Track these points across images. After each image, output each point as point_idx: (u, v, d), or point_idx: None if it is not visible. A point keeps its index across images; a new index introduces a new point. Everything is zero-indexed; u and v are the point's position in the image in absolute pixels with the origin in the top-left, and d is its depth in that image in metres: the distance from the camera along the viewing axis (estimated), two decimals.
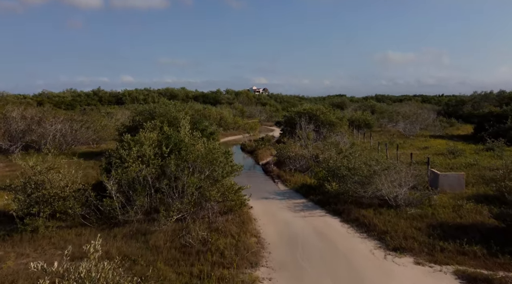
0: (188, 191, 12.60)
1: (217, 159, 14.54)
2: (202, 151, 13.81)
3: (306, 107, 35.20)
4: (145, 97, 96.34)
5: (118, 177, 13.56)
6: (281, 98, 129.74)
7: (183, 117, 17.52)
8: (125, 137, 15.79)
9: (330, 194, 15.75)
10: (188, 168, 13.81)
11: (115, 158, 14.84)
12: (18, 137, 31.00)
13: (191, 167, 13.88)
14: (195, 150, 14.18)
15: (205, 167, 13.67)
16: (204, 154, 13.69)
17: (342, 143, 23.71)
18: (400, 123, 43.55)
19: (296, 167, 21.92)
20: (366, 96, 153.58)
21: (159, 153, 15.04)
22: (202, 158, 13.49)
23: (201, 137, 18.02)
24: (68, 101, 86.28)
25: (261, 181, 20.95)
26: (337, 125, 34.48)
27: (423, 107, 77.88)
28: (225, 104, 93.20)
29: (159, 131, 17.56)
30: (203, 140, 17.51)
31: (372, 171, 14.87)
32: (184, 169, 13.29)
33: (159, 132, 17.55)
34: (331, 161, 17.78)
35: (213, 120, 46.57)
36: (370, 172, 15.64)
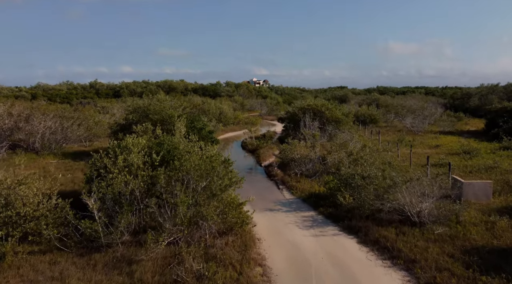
0: (180, 211, 10.80)
1: (215, 169, 12.75)
2: (197, 162, 11.95)
3: (310, 103, 33.27)
4: (143, 90, 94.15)
5: (102, 191, 11.80)
6: (282, 90, 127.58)
7: (178, 119, 15.69)
8: (111, 143, 13.97)
9: (343, 207, 13.96)
10: (181, 181, 12.01)
11: (99, 168, 13.04)
12: (4, 136, 29.15)
13: (186, 179, 12.08)
14: (191, 160, 12.34)
15: (201, 179, 11.85)
16: (200, 164, 11.83)
17: (352, 144, 21.86)
18: (407, 119, 41.59)
19: (302, 171, 20.11)
20: (368, 88, 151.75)
21: (149, 161, 13.23)
22: (197, 170, 11.65)
23: (198, 141, 16.21)
24: (64, 94, 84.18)
25: (264, 187, 19.16)
26: (343, 122, 32.61)
27: (428, 100, 75.95)
28: (225, 97, 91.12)
29: (151, 135, 15.73)
30: (200, 145, 15.72)
31: (391, 183, 13.03)
32: (177, 183, 11.48)
33: (151, 136, 15.71)
34: (343, 167, 15.93)
35: (212, 116, 44.68)
36: (389, 183, 13.87)
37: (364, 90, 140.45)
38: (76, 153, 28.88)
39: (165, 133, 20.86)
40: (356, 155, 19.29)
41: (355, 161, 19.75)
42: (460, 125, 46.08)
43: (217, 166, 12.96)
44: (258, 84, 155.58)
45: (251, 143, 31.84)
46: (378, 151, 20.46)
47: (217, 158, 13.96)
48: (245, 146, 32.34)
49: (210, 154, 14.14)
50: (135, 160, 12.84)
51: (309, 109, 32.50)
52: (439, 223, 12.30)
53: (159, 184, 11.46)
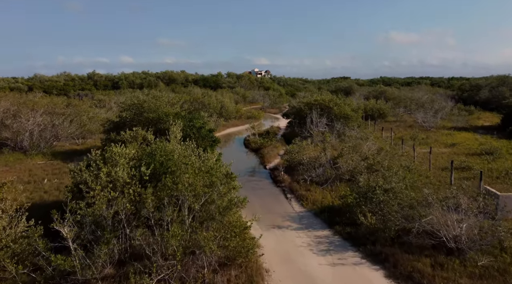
0: (172, 242, 8.88)
1: (214, 184, 10.84)
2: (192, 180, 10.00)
3: (317, 98, 31.17)
4: (142, 81, 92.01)
5: (81, 213, 9.91)
6: (284, 81, 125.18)
7: (174, 122, 13.72)
8: (92, 154, 12.01)
9: (364, 228, 12.02)
10: (174, 202, 10.09)
11: (78, 183, 11.12)
12: None
13: (179, 199, 10.16)
14: (184, 178, 10.39)
15: (198, 200, 9.93)
16: (196, 183, 9.89)
17: (366, 146, 19.86)
18: (418, 113, 39.45)
19: (311, 177, 18.15)
20: (372, 79, 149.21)
21: (137, 176, 11.28)
22: (192, 191, 9.71)
23: (197, 143, 14.27)
24: (61, 85, 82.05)
25: (270, 196, 17.23)
26: (353, 118, 30.56)
27: (435, 92, 73.61)
28: (226, 89, 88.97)
29: (142, 141, 13.76)
30: (198, 152, 13.76)
31: (423, 201, 11.08)
32: (168, 208, 9.55)
33: (142, 142, 13.74)
34: (361, 178, 13.95)
35: (213, 110, 42.64)
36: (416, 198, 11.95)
37: (368, 81, 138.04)
38: (67, 153, 26.96)
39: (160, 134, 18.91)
40: (373, 161, 17.32)
41: (371, 167, 17.81)
42: (472, 120, 43.97)
43: (216, 181, 11.04)
44: (260, 75, 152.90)
45: (254, 141, 29.86)
46: (397, 155, 18.44)
47: (218, 169, 12.04)
48: (248, 144, 30.36)
49: (210, 165, 12.20)
50: (121, 174, 10.91)
51: (316, 104, 30.43)
52: (480, 250, 10.37)
53: (146, 209, 9.52)
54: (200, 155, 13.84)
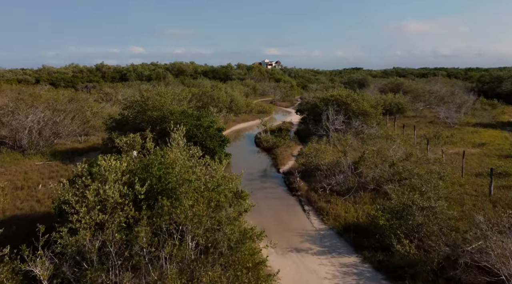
0: None
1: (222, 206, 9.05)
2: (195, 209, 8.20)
3: (334, 93, 29.07)
4: (151, 73, 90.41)
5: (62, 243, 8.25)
6: (295, 73, 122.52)
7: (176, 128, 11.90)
8: (80, 166, 10.30)
9: (399, 255, 10.12)
10: (173, 229, 8.32)
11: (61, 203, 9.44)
12: None
13: (180, 228, 8.38)
14: (188, 200, 8.60)
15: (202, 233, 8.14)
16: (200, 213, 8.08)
17: (392, 150, 17.83)
18: (441, 108, 37.04)
19: (331, 185, 16.24)
20: (385, 69, 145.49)
21: (131, 195, 9.53)
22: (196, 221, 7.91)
23: (202, 157, 12.47)
24: (69, 77, 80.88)
25: (285, 208, 15.38)
26: (372, 115, 28.43)
27: (453, 84, 70.60)
28: (236, 80, 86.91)
29: (140, 150, 11.98)
30: (204, 163, 11.96)
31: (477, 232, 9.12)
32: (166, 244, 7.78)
33: (140, 151, 11.96)
34: (394, 195, 11.99)
35: (223, 104, 40.75)
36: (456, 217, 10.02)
37: (381, 72, 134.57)
38: (68, 152, 25.41)
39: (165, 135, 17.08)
40: (402, 169, 15.34)
41: (399, 175, 15.84)
42: (497, 115, 41.36)
43: (224, 203, 9.23)
44: (270, 66, 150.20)
45: (265, 140, 27.97)
46: (426, 159, 16.41)
47: (226, 185, 10.22)
48: (259, 143, 28.47)
49: (216, 181, 10.38)
50: (110, 193, 9.16)
51: (333, 100, 28.35)
52: None
53: (137, 245, 7.75)
54: (206, 165, 12.07)
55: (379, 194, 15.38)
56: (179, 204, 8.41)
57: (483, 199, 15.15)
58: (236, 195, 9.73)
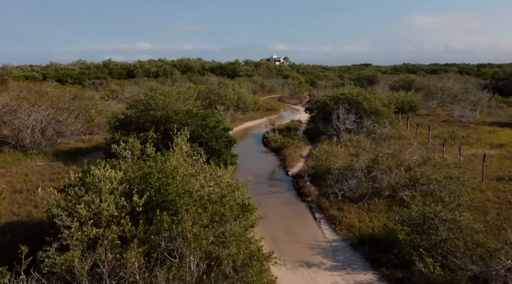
0: None
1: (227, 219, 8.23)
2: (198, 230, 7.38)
3: (344, 91, 28.05)
4: (158, 69, 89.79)
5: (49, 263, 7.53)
6: (304, 69, 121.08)
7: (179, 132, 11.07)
8: (72, 177, 9.54)
9: (421, 273, 9.21)
10: (173, 251, 7.50)
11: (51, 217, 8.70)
12: None
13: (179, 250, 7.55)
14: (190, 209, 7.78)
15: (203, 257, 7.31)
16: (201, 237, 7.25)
17: (407, 153, 16.83)
18: (456, 107, 35.77)
19: (343, 191, 15.32)
20: (394, 65, 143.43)
21: (128, 207, 8.74)
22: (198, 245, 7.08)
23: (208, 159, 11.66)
24: (76, 74, 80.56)
25: (295, 215, 14.51)
26: (384, 114, 27.37)
27: (465, 81, 68.91)
28: (243, 77, 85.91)
29: (140, 155, 11.17)
30: (207, 169, 11.14)
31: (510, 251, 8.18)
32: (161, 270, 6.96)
33: (139, 157, 11.16)
34: (413, 206, 11.03)
35: (230, 102, 39.91)
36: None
37: (390, 68, 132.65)
38: (71, 152, 24.78)
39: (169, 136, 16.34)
40: (421, 175, 14.37)
41: (417, 181, 14.87)
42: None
43: (229, 217, 8.40)
44: (278, 62, 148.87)
45: (274, 139, 27.07)
46: (447, 165, 15.40)
47: (231, 197, 9.38)
48: (267, 143, 27.57)
49: (221, 192, 9.55)
50: (105, 206, 8.38)
51: (343, 98, 27.34)
52: None
53: (128, 269, 6.94)
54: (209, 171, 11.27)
55: (395, 201, 14.46)
56: (178, 220, 7.58)
57: (507, 207, 14.14)
58: (242, 207, 8.88)
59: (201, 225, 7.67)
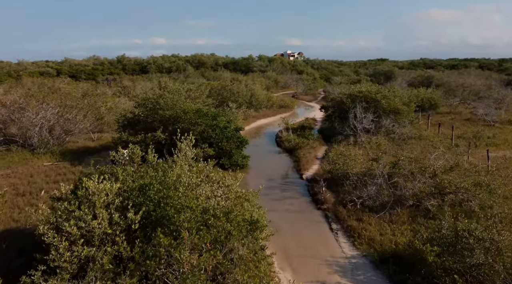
0: None
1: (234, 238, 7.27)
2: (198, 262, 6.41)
3: (362, 89, 26.73)
4: (171, 65, 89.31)
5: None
6: (318, 64, 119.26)
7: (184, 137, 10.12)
8: (63, 188, 8.69)
9: None
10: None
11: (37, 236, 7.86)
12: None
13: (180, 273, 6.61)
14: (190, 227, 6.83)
15: None
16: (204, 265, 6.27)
17: (432, 157, 15.55)
18: (479, 105, 34.03)
19: (363, 198, 14.19)
20: (411, 61, 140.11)
21: (122, 225, 7.84)
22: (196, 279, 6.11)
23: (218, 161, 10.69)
24: (89, 70, 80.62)
25: (309, 225, 13.45)
26: (404, 113, 25.98)
27: (487, 77, 66.34)
28: (257, 73, 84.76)
29: (140, 162, 10.25)
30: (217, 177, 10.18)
31: None
32: None
33: (139, 164, 10.23)
34: (444, 223, 9.83)
35: (243, 99, 38.90)
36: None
37: (407, 63, 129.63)
38: (79, 152, 24.14)
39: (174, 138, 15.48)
40: (449, 184, 13.13)
41: (443, 189, 13.64)
42: None
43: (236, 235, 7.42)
44: (292, 57, 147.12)
45: (287, 139, 25.97)
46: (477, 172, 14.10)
47: (239, 212, 8.39)
48: (280, 143, 26.49)
49: (228, 206, 8.56)
50: (95, 224, 7.49)
51: (361, 96, 26.05)
52: None
53: None
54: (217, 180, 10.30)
55: (419, 211, 13.27)
56: (177, 243, 6.63)
57: None
58: (251, 225, 7.88)
59: (202, 250, 6.71)
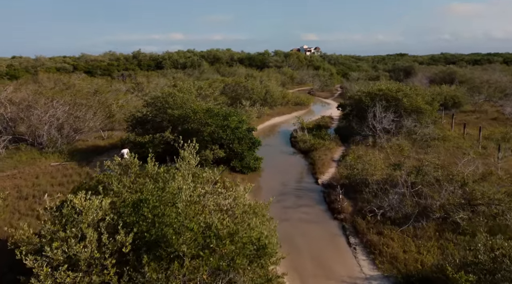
0: None
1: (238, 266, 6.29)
2: None
3: (382, 87, 25.35)
4: (186, 60, 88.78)
5: None
6: (335, 59, 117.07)
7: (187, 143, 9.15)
8: (48, 202, 7.84)
9: None
10: None
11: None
12: (8, 127, 24.48)
13: None
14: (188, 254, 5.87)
15: None
16: None
17: (462, 164, 14.22)
18: (506, 102, 32.14)
19: (383, 208, 13.02)
20: (432, 55, 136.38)
21: (111, 247, 6.94)
22: None
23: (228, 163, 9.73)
24: (105, 65, 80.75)
25: (324, 238, 12.37)
26: (427, 112, 24.49)
27: None
28: (273, 68, 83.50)
29: (138, 172, 9.33)
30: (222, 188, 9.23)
31: None
32: None
33: (137, 174, 9.32)
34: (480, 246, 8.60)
35: (257, 96, 37.85)
36: None
37: (428, 58, 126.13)
38: (88, 151, 23.55)
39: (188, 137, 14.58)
40: (482, 195, 11.85)
41: (474, 200, 12.36)
42: None
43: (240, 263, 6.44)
44: (309, 52, 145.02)
45: (302, 140, 24.83)
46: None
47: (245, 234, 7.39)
48: (295, 143, 25.36)
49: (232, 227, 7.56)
50: (79, 249, 6.60)
51: (381, 95, 24.68)
52: None
53: None
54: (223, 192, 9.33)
55: (447, 224, 12.03)
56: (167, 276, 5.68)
57: None
58: (258, 251, 6.87)
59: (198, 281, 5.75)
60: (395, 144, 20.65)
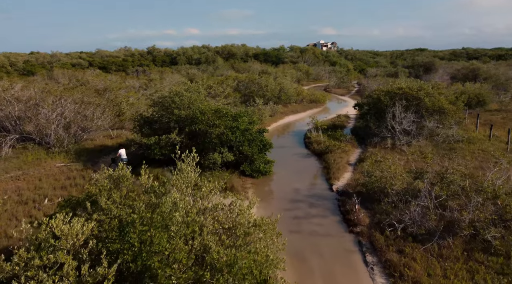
0: None
1: None
2: None
3: (402, 86, 23.94)
4: (201, 56, 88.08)
5: None
6: (352, 55, 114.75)
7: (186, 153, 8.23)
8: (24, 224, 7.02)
9: None
10: None
11: None
12: (16, 126, 24.05)
13: None
14: None
15: None
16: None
17: (491, 174, 12.91)
18: None
19: (404, 222, 11.86)
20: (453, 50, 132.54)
21: (95, 280, 6.05)
22: None
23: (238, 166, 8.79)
24: (120, 61, 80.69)
25: (337, 253, 11.29)
26: (450, 112, 23.01)
27: None
28: (288, 64, 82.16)
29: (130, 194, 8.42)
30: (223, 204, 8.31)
31: None
32: None
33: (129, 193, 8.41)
34: None
35: (271, 94, 36.75)
36: None
37: (449, 53, 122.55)
38: (95, 151, 22.92)
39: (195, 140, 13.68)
40: None
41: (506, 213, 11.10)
42: None
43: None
44: (325, 47, 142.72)
45: (316, 140, 23.68)
46: None
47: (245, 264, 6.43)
48: (309, 144, 24.22)
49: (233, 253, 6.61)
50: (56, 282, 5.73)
51: (401, 94, 23.30)
52: None
53: None
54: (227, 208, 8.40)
55: (476, 242, 10.80)
56: None
57: None
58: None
59: None
60: (417, 150, 19.29)
